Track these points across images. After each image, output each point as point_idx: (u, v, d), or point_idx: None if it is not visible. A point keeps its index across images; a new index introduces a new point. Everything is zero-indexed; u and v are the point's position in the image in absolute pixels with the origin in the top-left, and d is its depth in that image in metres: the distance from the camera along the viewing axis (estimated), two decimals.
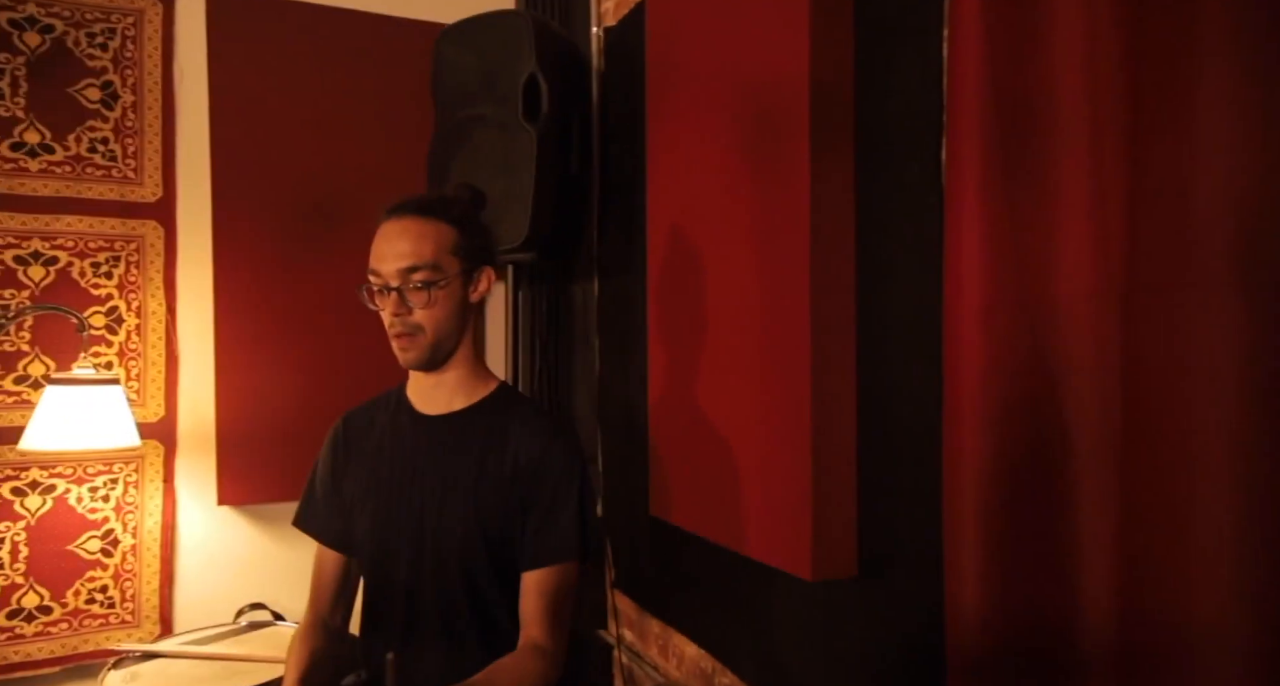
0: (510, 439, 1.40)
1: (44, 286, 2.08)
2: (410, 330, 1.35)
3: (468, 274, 1.38)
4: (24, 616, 2.05)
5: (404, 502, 1.40)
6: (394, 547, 1.41)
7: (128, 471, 2.17)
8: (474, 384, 1.45)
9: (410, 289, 1.32)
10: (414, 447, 1.43)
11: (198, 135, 2.23)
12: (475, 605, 1.39)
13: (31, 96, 2.07)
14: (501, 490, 1.38)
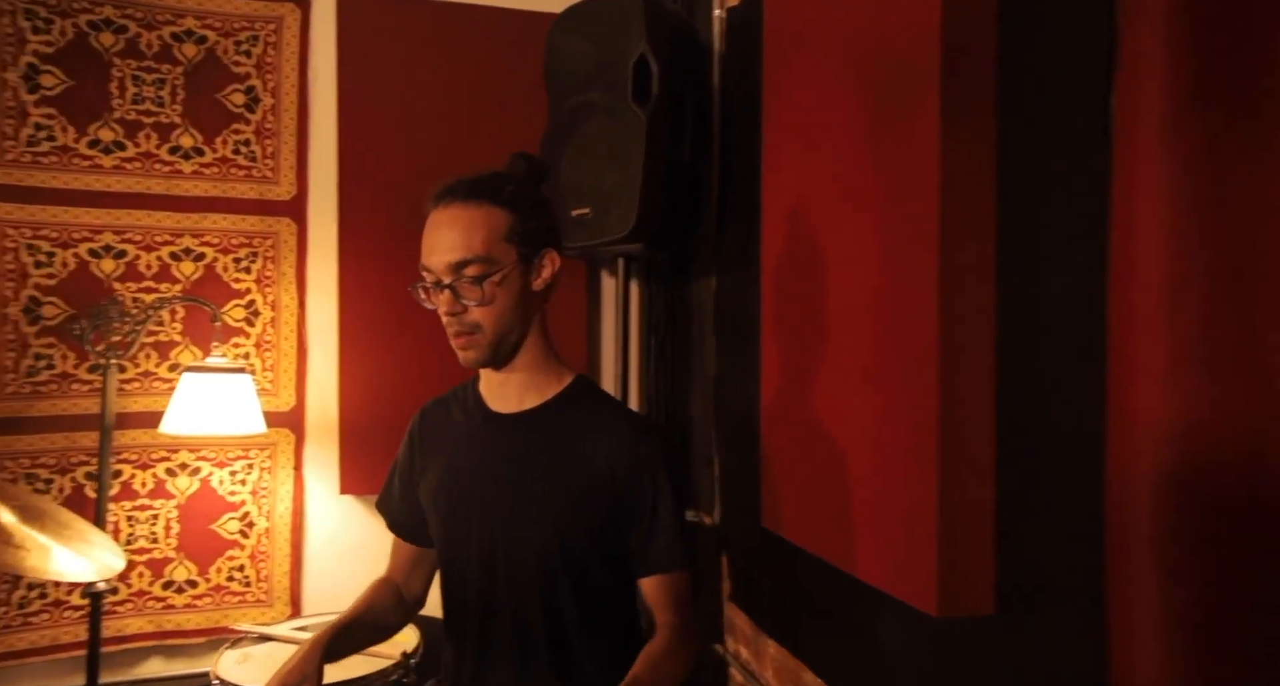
0: (589, 439, 1.30)
1: (193, 281, 2.22)
2: (468, 329, 1.24)
3: (527, 260, 1.26)
4: (175, 588, 2.21)
5: (475, 507, 1.32)
6: (466, 554, 1.33)
7: (262, 458, 2.27)
8: (546, 378, 1.34)
9: (463, 284, 1.21)
10: (486, 448, 1.34)
11: (327, 134, 2.30)
12: (550, 620, 1.30)
13: (187, 103, 2.22)
14: (582, 496, 1.28)
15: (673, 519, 1.30)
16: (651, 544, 1.30)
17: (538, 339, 1.32)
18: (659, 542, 1.30)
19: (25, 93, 2.12)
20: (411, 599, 1.49)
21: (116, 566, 1.73)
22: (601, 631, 1.32)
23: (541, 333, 1.33)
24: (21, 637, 2.10)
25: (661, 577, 1.31)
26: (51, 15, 2.14)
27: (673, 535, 1.30)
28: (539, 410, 1.33)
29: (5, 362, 2.09)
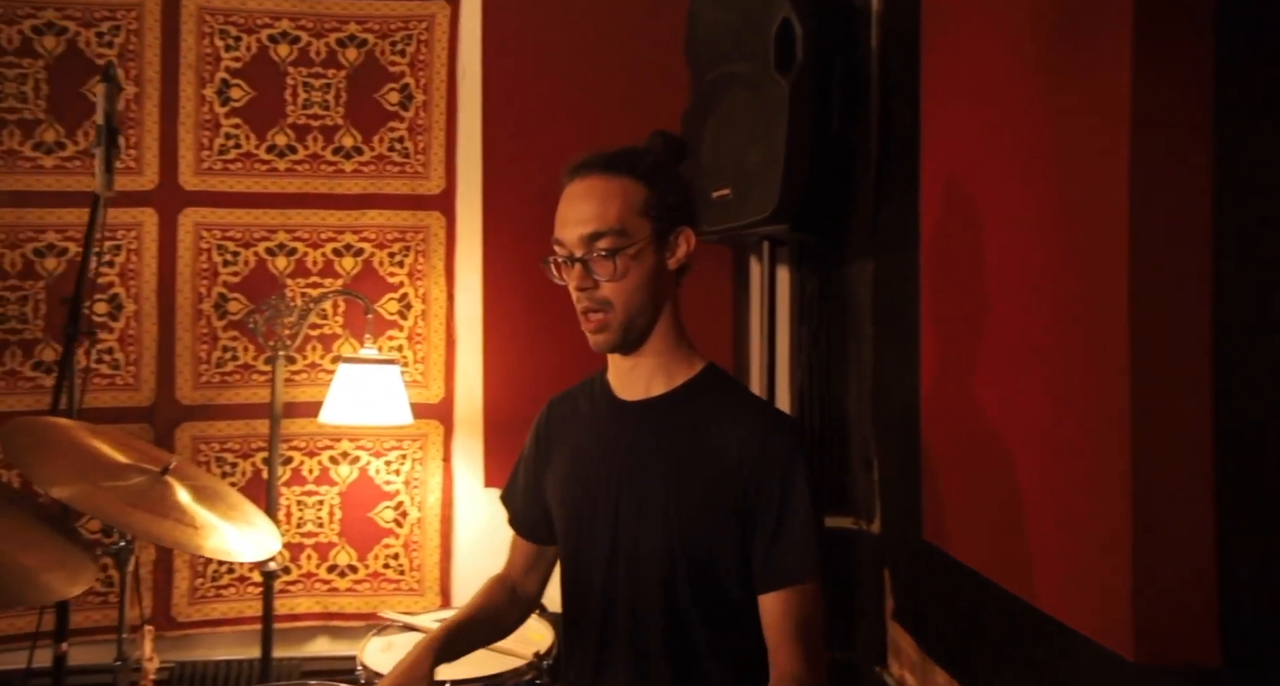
0: (717, 430, 1.19)
1: (353, 276, 2.31)
2: (598, 306, 1.18)
3: (662, 237, 1.20)
4: (338, 572, 2.31)
5: (598, 503, 1.25)
6: (587, 553, 1.26)
7: (414, 449, 2.31)
8: (675, 365, 1.25)
9: (595, 258, 1.16)
10: (611, 439, 1.27)
11: (473, 128, 2.33)
12: (672, 629, 1.20)
13: (349, 105, 2.32)
14: (706, 494, 1.18)
15: (803, 525, 1.16)
16: (774, 552, 1.16)
17: (669, 323, 1.24)
18: (783, 551, 1.15)
19: (219, 105, 2.31)
20: (526, 598, 1.43)
21: (272, 548, 1.78)
22: (730, 642, 1.20)
23: (673, 316, 1.25)
24: (214, 608, 2.28)
25: (782, 596, 1.15)
26: (240, 33, 2.32)
27: (801, 544, 1.15)
28: (666, 397, 1.24)
29: (199, 354, 2.28)
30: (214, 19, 2.31)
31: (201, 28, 2.31)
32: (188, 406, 2.27)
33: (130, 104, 2.28)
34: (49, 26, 2.27)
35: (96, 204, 1.84)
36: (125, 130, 2.27)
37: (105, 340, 2.25)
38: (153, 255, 2.27)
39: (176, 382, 2.26)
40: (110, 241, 2.26)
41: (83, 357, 2.22)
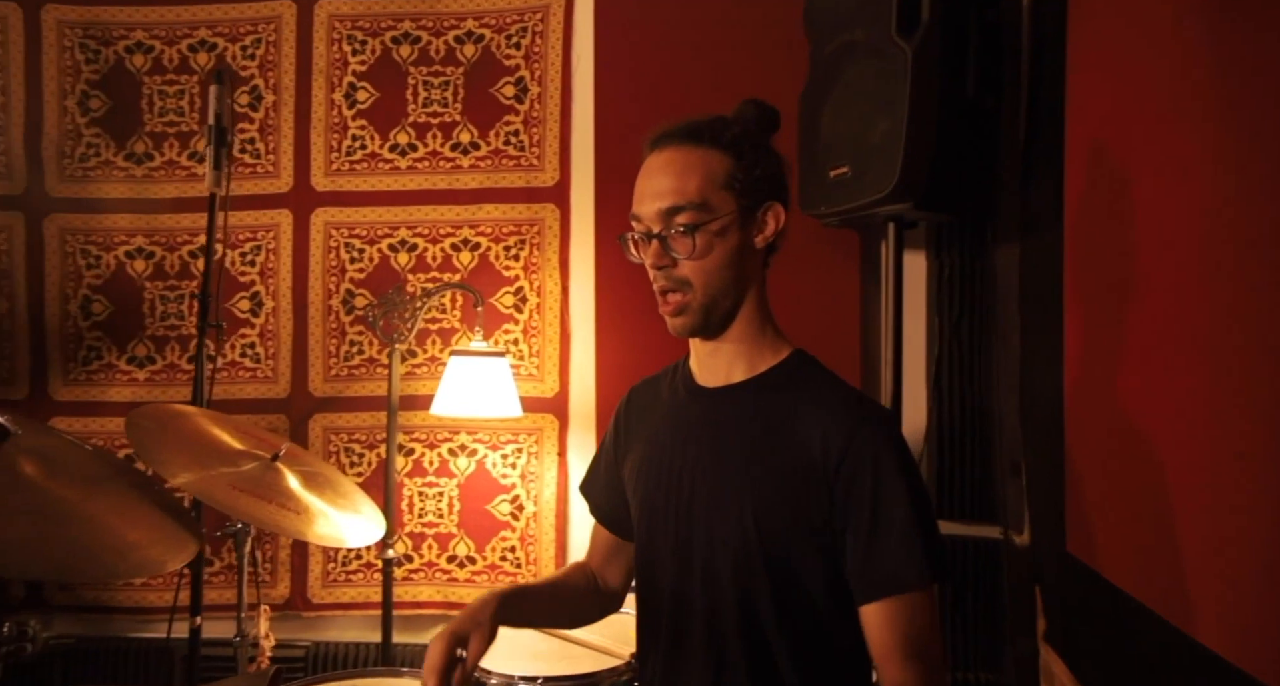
0: (800, 422, 1.08)
1: (470, 270, 2.33)
2: (675, 285, 1.10)
3: (748, 212, 1.11)
4: (457, 563, 2.34)
5: (672, 493, 1.17)
6: (660, 542, 1.19)
7: (529, 442, 2.30)
8: (760, 350, 1.16)
9: (673, 235, 1.09)
10: (687, 425, 1.19)
11: (587, 118, 2.29)
12: (750, 634, 1.09)
13: (466, 101, 2.34)
14: (786, 490, 1.07)
15: (902, 526, 1.02)
16: (871, 558, 1.03)
17: (754, 305, 1.14)
18: (880, 557, 1.03)
19: (346, 108, 2.39)
20: (608, 591, 1.37)
21: (375, 536, 1.81)
22: (817, 656, 1.09)
23: (759, 299, 1.15)
24: (344, 592, 2.37)
25: (884, 607, 1.02)
26: (365, 36, 2.39)
27: (901, 548, 1.02)
28: (748, 384, 1.15)
29: (329, 348, 2.38)
30: (342, 25, 2.39)
31: (331, 34, 2.40)
32: (319, 398, 2.36)
33: (269, 111, 2.40)
34: (201, 43, 2.43)
35: (213, 202, 1.94)
36: (265, 137, 2.40)
37: (247, 335, 2.39)
38: (288, 254, 2.38)
39: (309, 375, 2.37)
40: (251, 242, 2.39)
41: (228, 351, 2.37)
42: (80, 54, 2.44)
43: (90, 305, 2.43)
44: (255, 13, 2.42)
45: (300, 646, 2.35)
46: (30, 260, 2.44)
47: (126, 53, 2.44)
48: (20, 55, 2.44)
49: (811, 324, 2.13)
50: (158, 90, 2.43)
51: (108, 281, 2.43)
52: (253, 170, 2.39)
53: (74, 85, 2.45)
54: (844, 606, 1.07)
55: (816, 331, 2.12)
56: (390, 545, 2.12)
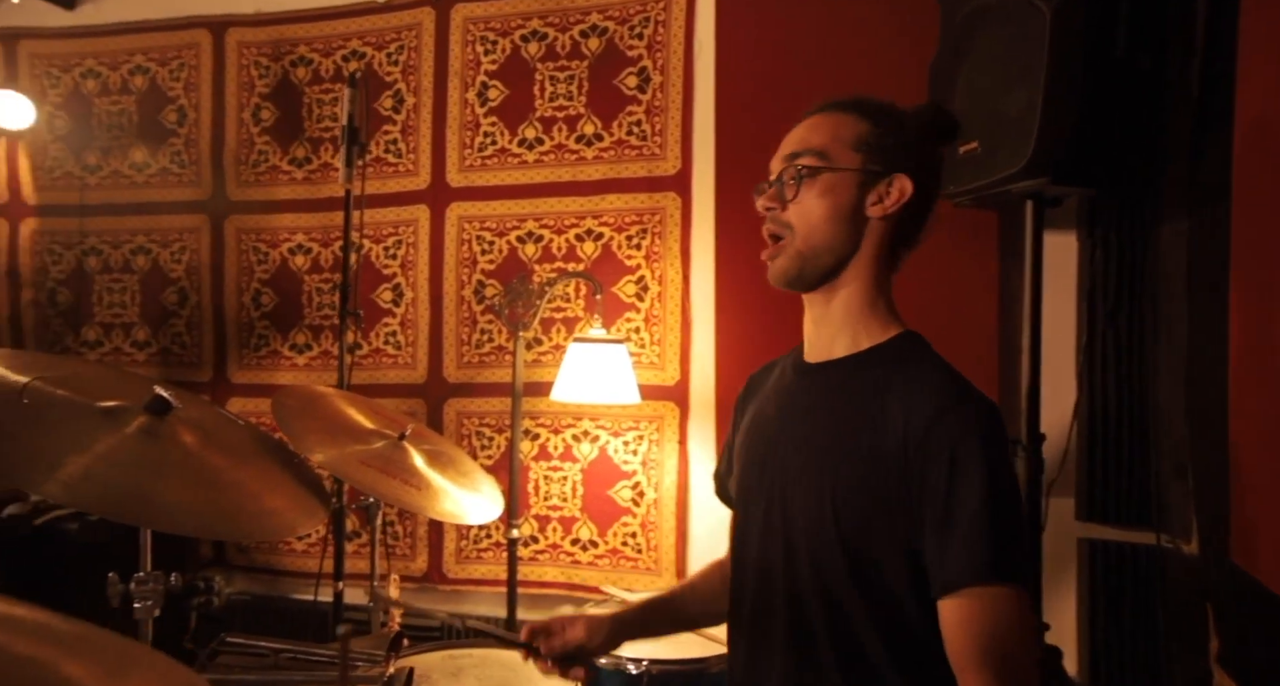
0: (887, 403, 1.03)
1: (593, 259, 2.37)
2: (778, 228, 1.11)
3: (869, 175, 1.08)
4: (580, 545, 2.39)
5: (765, 469, 1.15)
6: (749, 523, 1.18)
7: (650, 430, 2.31)
8: (865, 326, 1.11)
9: (787, 176, 1.09)
10: (787, 401, 1.17)
11: (708, 106, 2.27)
12: (833, 619, 1.06)
13: (590, 93, 2.38)
14: (867, 473, 1.02)
15: (976, 518, 0.96)
16: (944, 551, 0.97)
17: (865, 274, 1.11)
18: (953, 549, 0.96)
19: (478, 107, 2.50)
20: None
21: (492, 514, 1.88)
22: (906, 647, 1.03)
23: (872, 270, 1.11)
24: (476, 568, 2.48)
25: (957, 603, 0.96)
26: (496, 37, 2.49)
27: (974, 541, 0.95)
28: (847, 361, 1.11)
29: (461, 336, 2.50)
30: (475, 27, 2.50)
31: (465, 37, 2.51)
32: (452, 384, 2.49)
33: (410, 113, 2.55)
34: (353, 53, 2.62)
35: (348, 198, 2.07)
36: (406, 137, 2.55)
37: (389, 324, 2.55)
38: (426, 247, 2.52)
39: (443, 362, 2.49)
40: (393, 236, 2.55)
41: (373, 339, 2.54)
42: (255, 70, 2.69)
43: (260, 297, 2.68)
44: (399, 21, 2.58)
45: (437, 616, 2.48)
46: (213, 258, 2.72)
47: (291, 66, 2.66)
48: (209, 75, 2.73)
49: (945, 310, 2.02)
50: (315, 99, 2.64)
51: (274, 275, 2.67)
52: (395, 169, 2.55)
53: (249, 99, 2.70)
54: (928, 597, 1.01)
55: (950, 317, 2.01)
56: (516, 525, 2.20)
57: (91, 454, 1.11)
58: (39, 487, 1.04)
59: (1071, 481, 1.82)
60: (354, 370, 2.41)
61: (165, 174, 2.76)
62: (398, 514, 2.49)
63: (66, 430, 1.12)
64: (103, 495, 1.10)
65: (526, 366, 2.27)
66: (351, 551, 2.38)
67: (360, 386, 2.40)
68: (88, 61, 2.79)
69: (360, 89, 2.11)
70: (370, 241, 2.54)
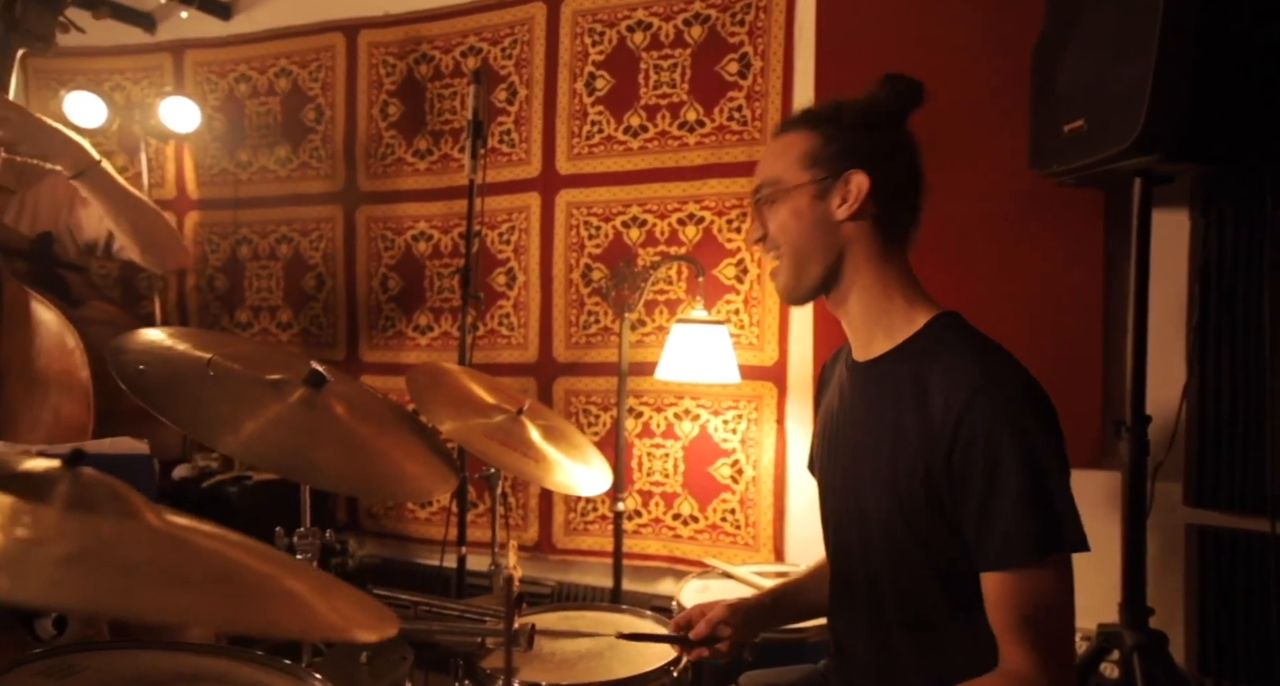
0: (929, 392, 1.08)
1: (694, 243, 2.44)
2: (772, 251, 1.21)
3: (822, 183, 1.14)
4: (681, 520, 2.48)
5: (835, 465, 1.25)
6: (830, 518, 1.29)
7: (749, 409, 2.37)
8: (891, 319, 1.16)
9: (755, 210, 1.21)
10: (844, 400, 1.25)
11: (806, 87, 2.29)
12: (903, 598, 1.14)
13: (692, 81, 2.44)
14: (917, 460, 1.08)
15: (1016, 497, 0.99)
16: (983, 529, 1.01)
17: (865, 274, 1.16)
18: (992, 527, 1.00)
19: (586, 96, 2.60)
20: None
21: (603, 486, 1.98)
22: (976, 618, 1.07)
23: (871, 268, 1.16)
24: (583, 540, 2.62)
25: (998, 579, 1.01)
26: (604, 28, 2.58)
27: (1014, 520, 0.99)
28: (886, 357, 1.16)
29: (570, 318, 2.62)
30: (583, 19, 2.60)
31: (574, 29, 2.61)
32: (561, 363, 2.62)
33: (522, 105, 2.68)
34: (471, 49, 2.77)
35: (471, 188, 2.21)
36: (519, 127, 2.68)
37: (503, 306, 2.70)
38: (536, 233, 2.65)
39: (553, 343, 2.63)
40: (506, 223, 2.70)
41: (488, 321, 2.70)
42: (383, 69, 2.89)
43: (387, 282, 2.90)
44: (513, 17, 2.71)
45: (547, 584, 2.64)
46: (346, 245, 2.95)
47: (415, 63, 2.84)
48: (342, 75, 2.95)
49: (1048, 289, 1.98)
50: (436, 94, 2.81)
51: (400, 261, 2.87)
52: (509, 158, 2.69)
53: (377, 96, 2.91)
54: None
55: (1053, 297, 1.96)
56: (621, 500, 2.31)
57: (262, 419, 1.27)
58: (223, 444, 1.22)
59: (1180, 465, 1.75)
60: (472, 350, 2.58)
61: (305, 168, 3.00)
62: (511, 486, 2.65)
63: (242, 398, 1.29)
64: (272, 454, 1.26)
65: (631, 347, 2.37)
66: (469, 520, 2.56)
67: (477, 366, 2.56)
68: (240, 67, 3.06)
69: (483, 84, 2.24)
70: (486, 228, 2.70)
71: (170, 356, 1.35)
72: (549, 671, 1.48)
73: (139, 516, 0.59)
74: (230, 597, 0.51)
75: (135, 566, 0.49)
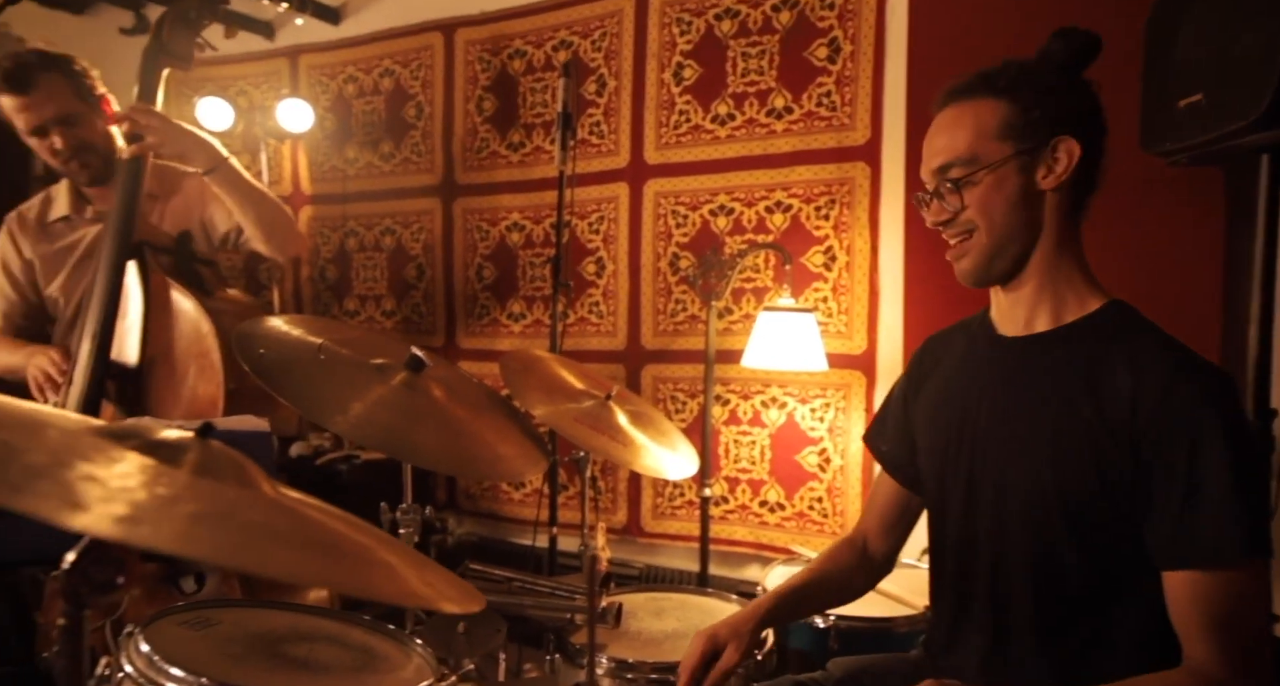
0: (1107, 378, 1.03)
1: (782, 231, 2.43)
2: (960, 232, 1.13)
3: (1028, 155, 1.08)
4: (768, 507, 2.49)
5: (964, 441, 1.18)
6: (948, 495, 1.21)
7: (837, 398, 2.35)
8: (1065, 299, 1.12)
9: (946, 190, 1.11)
10: (984, 374, 1.19)
11: (899, 75, 2.24)
12: (1040, 597, 1.09)
13: (780, 67, 2.43)
14: (1094, 447, 1.03)
15: (1224, 493, 0.94)
16: (1183, 524, 0.96)
17: (1054, 249, 1.10)
18: (1194, 524, 0.95)
19: (674, 86, 2.62)
20: (876, 560, 1.39)
21: (689, 471, 2.01)
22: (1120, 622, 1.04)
23: (1061, 242, 1.11)
24: (670, 524, 2.66)
25: (1192, 576, 0.96)
26: (691, 17, 2.59)
27: (1221, 516, 0.94)
28: (1051, 335, 1.11)
29: (657, 306, 2.66)
30: (671, 9, 2.62)
31: (662, 19, 2.63)
32: (649, 351, 2.66)
33: (611, 96, 2.72)
34: (562, 43, 2.83)
35: (561, 179, 2.27)
36: (608, 119, 2.73)
37: (593, 295, 2.76)
38: (625, 222, 2.70)
39: (641, 330, 2.67)
40: (596, 213, 2.75)
41: (578, 309, 2.77)
42: (478, 65, 2.99)
43: (482, 271, 3.00)
44: (602, 9, 2.75)
45: (635, 567, 2.70)
46: (444, 236, 3.08)
47: (508, 59, 2.93)
48: (440, 73, 3.06)
49: (1161, 274, 1.88)
50: (529, 88, 2.89)
51: (494, 251, 2.97)
52: (598, 149, 2.74)
53: (473, 91, 3.01)
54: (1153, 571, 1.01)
55: (1167, 283, 1.87)
56: (708, 485, 2.33)
57: (368, 401, 1.37)
58: (333, 424, 1.31)
59: None
60: (563, 337, 2.65)
61: (406, 163, 3.14)
62: (600, 470, 2.72)
63: (350, 381, 1.39)
64: (376, 434, 1.35)
65: (718, 334, 2.39)
66: (560, 503, 2.64)
67: (568, 352, 2.63)
68: (349, 69, 3.23)
69: (572, 77, 2.30)
70: (576, 218, 2.76)
71: (287, 341, 1.46)
72: (635, 649, 1.52)
73: (256, 486, 0.66)
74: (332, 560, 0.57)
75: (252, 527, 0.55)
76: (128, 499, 0.49)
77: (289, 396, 1.30)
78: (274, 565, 0.52)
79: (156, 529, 0.47)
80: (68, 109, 1.90)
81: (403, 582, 0.61)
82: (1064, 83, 1.09)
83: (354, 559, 0.60)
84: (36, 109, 1.87)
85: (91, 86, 1.96)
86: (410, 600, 0.69)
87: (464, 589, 0.71)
